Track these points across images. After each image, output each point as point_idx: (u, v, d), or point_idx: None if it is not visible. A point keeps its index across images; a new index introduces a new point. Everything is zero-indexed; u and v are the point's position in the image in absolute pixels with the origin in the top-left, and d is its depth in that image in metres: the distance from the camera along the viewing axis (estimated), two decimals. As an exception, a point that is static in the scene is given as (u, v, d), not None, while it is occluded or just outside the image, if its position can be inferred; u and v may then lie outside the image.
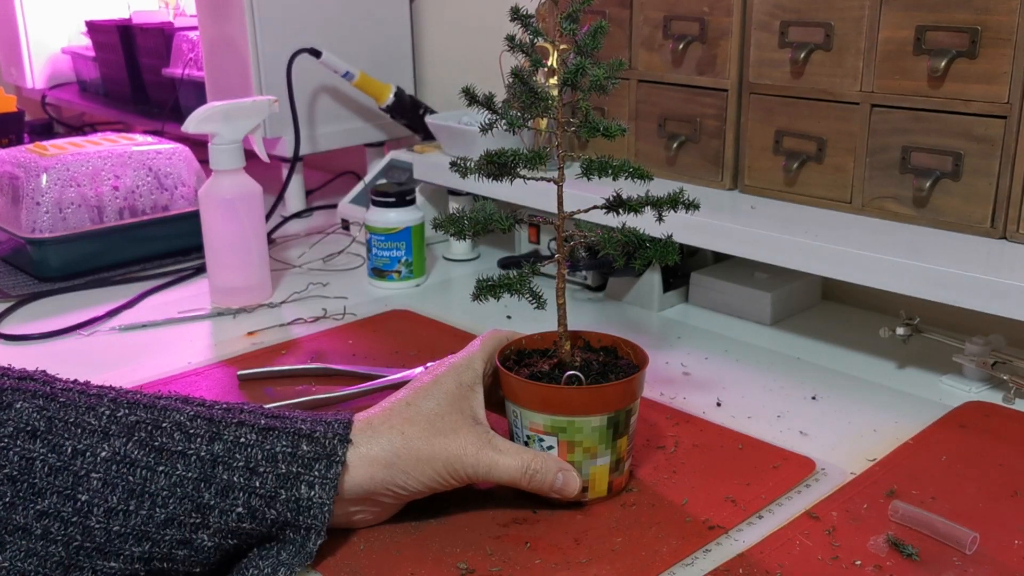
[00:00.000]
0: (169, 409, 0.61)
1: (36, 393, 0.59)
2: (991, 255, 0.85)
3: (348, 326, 1.04)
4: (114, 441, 0.58)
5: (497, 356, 0.71)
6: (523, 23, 0.67)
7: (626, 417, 0.68)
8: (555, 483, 0.67)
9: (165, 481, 0.59)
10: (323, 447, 0.62)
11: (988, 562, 0.62)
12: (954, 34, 0.87)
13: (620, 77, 0.66)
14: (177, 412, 0.61)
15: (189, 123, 1.07)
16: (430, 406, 0.67)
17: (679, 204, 0.69)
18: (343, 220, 1.38)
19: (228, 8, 1.39)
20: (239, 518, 0.60)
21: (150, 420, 0.60)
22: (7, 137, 1.88)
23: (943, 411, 0.83)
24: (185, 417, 0.61)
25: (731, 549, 0.64)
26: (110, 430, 0.59)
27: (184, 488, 0.59)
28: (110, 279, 1.21)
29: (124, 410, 0.60)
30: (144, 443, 0.59)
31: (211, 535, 0.60)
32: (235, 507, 0.60)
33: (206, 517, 0.59)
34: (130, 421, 0.60)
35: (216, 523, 0.59)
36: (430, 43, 1.59)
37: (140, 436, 0.59)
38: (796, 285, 1.06)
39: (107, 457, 0.58)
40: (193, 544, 0.59)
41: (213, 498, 0.59)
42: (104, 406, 0.60)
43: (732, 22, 1.01)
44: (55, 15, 2.15)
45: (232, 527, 0.60)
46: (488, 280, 0.69)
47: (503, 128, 0.68)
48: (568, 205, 0.71)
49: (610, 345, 0.75)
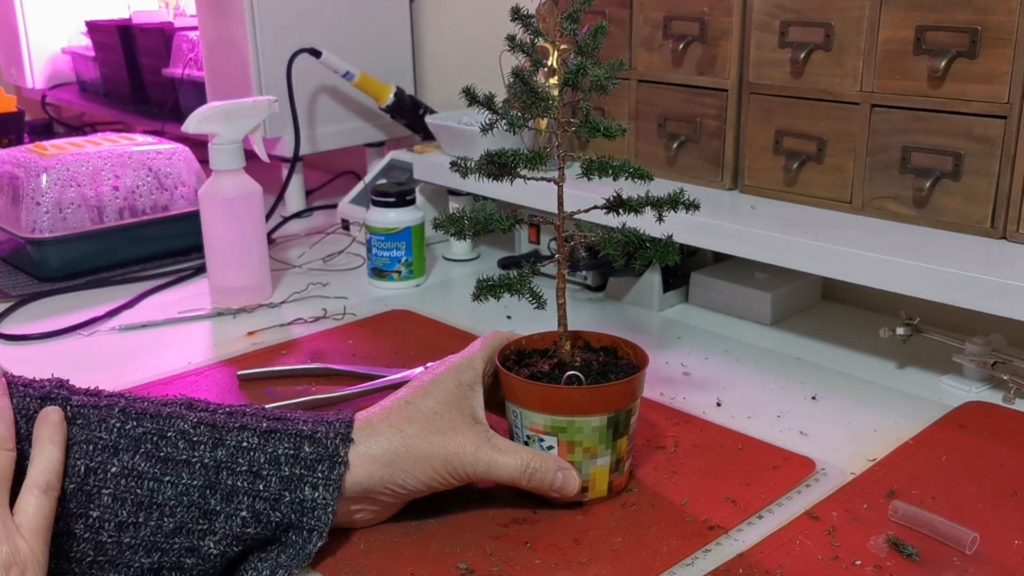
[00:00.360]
0: (174, 417, 0.62)
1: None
2: (991, 255, 0.85)
3: (348, 326, 1.04)
4: (123, 455, 0.59)
5: (497, 356, 0.71)
6: (524, 23, 0.67)
7: (626, 417, 0.68)
8: (555, 482, 0.67)
9: (172, 491, 0.59)
10: (325, 448, 0.63)
11: (988, 562, 0.62)
12: (954, 34, 0.87)
13: (620, 77, 0.65)
14: (181, 420, 0.62)
15: (189, 123, 1.07)
16: (429, 405, 0.67)
17: (679, 204, 0.69)
18: (343, 220, 1.38)
19: (228, 8, 1.39)
20: (244, 522, 0.60)
21: (156, 431, 0.61)
22: (7, 137, 1.88)
23: (943, 411, 0.83)
24: (189, 424, 0.61)
25: (731, 549, 0.64)
26: (119, 444, 0.60)
27: (190, 496, 0.60)
28: (110, 279, 1.21)
29: (132, 422, 0.61)
30: (150, 455, 0.60)
31: (217, 542, 0.60)
32: (240, 511, 0.60)
33: (212, 523, 0.60)
34: (137, 433, 0.60)
35: (222, 528, 0.60)
36: (430, 43, 1.59)
37: (146, 448, 0.60)
38: (796, 285, 1.06)
39: (117, 472, 0.59)
40: (200, 551, 0.60)
41: (219, 503, 0.60)
42: (115, 418, 0.61)
43: (732, 22, 1.01)
44: (55, 15, 2.15)
45: (237, 532, 0.60)
46: (488, 280, 0.69)
47: (503, 128, 0.68)
48: (568, 205, 0.71)
49: (610, 345, 0.75)
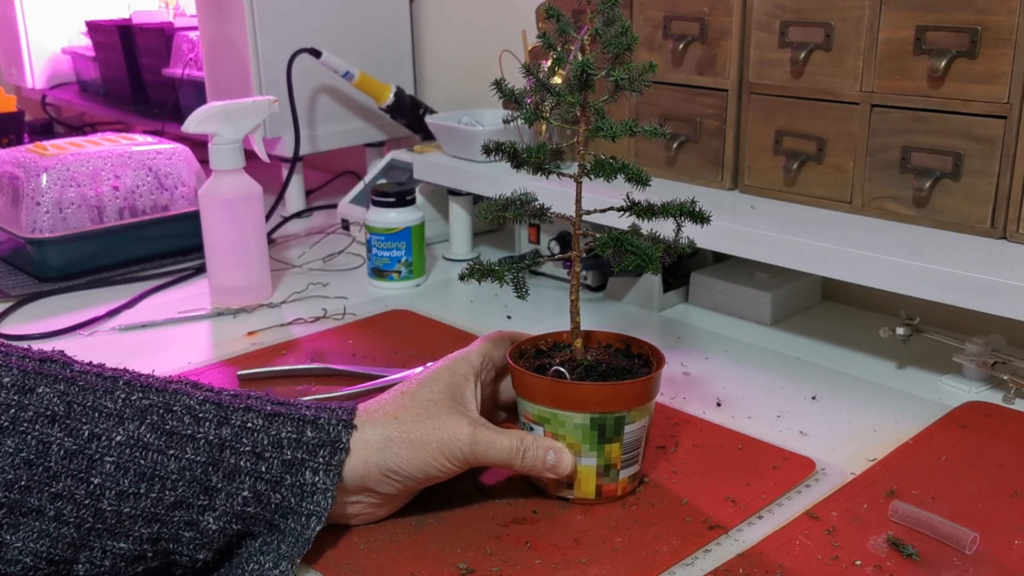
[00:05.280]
0: (180, 393, 0.62)
1: (57, 377, 0.60)
2: (991, 255, 0.85)
3: (348, 326, 1.04)
4: (128, 425, 0.60)
5: (509, 352, 0.72)
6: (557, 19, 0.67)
7: (615, 423, 0.68)
8: (547, 460, 0.67)
9: (175, 464, 0.60)
10: (327, 434, 0.63)
11: (988, 562, 0.62)
12: (954, 34, 0.87)
13: (648, 80, 0.66)
14: (187, 396, 0.62)
15: (189, 123, 1.07)
16: (425, 394, 0.68)
17: (687, 214, 0.69)
18: (343, 220, 1.38)
19: (228, 8, 1.39)
20: (244, 502, 0.61)
21: (162, 403, 0.61)
22: (7, 137, 1.88)
23: (943, 411, 0.83)
24: (195, 401, 0.62)
25: (731, 549, 0.64)
26: (125, 414, 0.60)
27: (193, 471, 0.60)
28: (110, 279, 1.21)
29: (138, 393, 0.61)
30: (156, 427, 0.60)
31: (216, 518, 0.60)
32: (241, 490, 0.61)
33: (213, 500, 0.60)
34: (143, 404, 0.61)
35: (222, 506, 0.60)
36: (430, 43, 1.59)
37: (152, 419, 0.60)
38: (796, 285, 1.06)
39: (121, 441, 0.59)
40: (199, 526, 0.60)
41: (220, 481, 0.60)
42: (120, 389, 0.61)
43: (732, 22, 1.01)
44: (55, 15, 2.15)
45: (237, 510, 0.61)
46: (477, 265, 0.70)
47: (522, 123, 0.69)
48: (568, 205, 0.71)
49: (639, 352, 0.74)
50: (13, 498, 0.56)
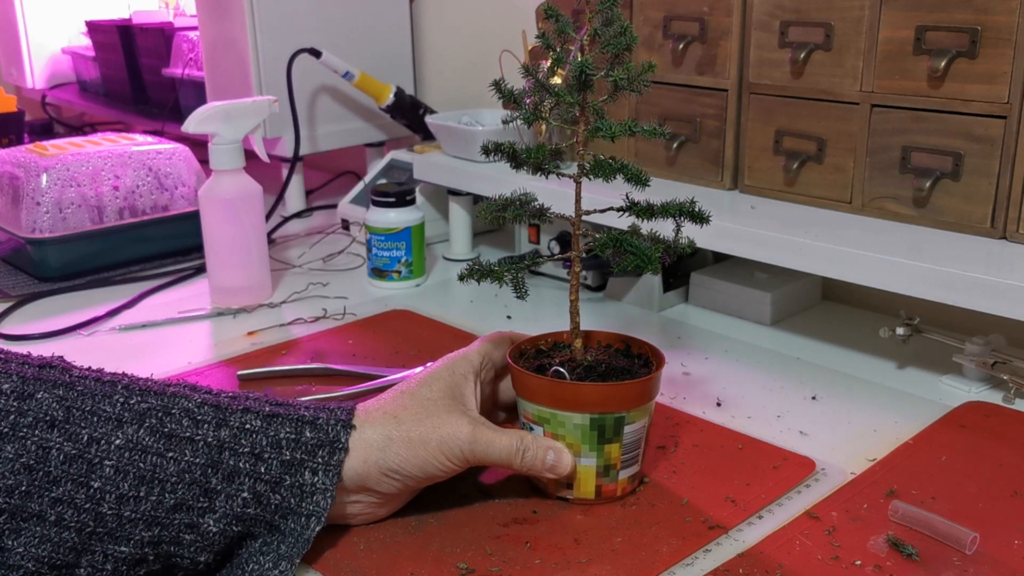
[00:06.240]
0: (178, 396, 0.62)
1: (56, 382, 0.60)
2: (991, 255, 0.85)
3: (348, 326, 1.04)
4: (127, 428, 0.60)
5: (509, 352, 0.72)
6: (556, 19, 0.67)
7: (615, 424, 0.68)
8: (547, 460, 0.67)
9: (174, 467, 0.60)
10: (326, 434, 0.63)
11: (988, 562, 0.62)
12: (954, 34, 0.87)
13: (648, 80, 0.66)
14: (185, 399, 0.62)
15: (189, 123, 1.07)
16: (424, 393, 0.68)
17: (686, 214, 0.69)
18: (343, 220, 1.38)
19: (228, 8, 1.39)
20: (244, 503, 0.61)
21: (160, 407, 0.61)
22: (7, 137, 1.88)
23: (943, 411, 0.83)
24: (193, 404, 0.62)
25: (731, 549, 0.64)
26: (123, 417, 0.60)
27: (192, 474, 0.60)
28: (110, 279, 1.21)
29: (136, 397, 0.61)
30: (155, 430, 0.60)
31: (217, 520, 0.60)
32: (240, 492, 0.61)
33: (213, 502, 0.60)
34: (142, 408, 0.61)
35: (222, 507, 0.60)
36: (430, 43, 1.59)
37: (151, 423, 0.60)
38: (796, 285, 1.06)
39: (120, 445, 0.59)
40: (200, 528, 0.60)
41: (220, 483, 0.60)
42: (118, 393, 0.61)
43: (732, 22, 1.01)
44: (55, 15, 2.15)
45: (238, 512, 0.61)
46: (477, 265, 0.70)
47: (521, 124, 0.69)
48: (568, 205, 0.71)
49: (639, 353, 0.74)
50: (14, 503, 0.56)
